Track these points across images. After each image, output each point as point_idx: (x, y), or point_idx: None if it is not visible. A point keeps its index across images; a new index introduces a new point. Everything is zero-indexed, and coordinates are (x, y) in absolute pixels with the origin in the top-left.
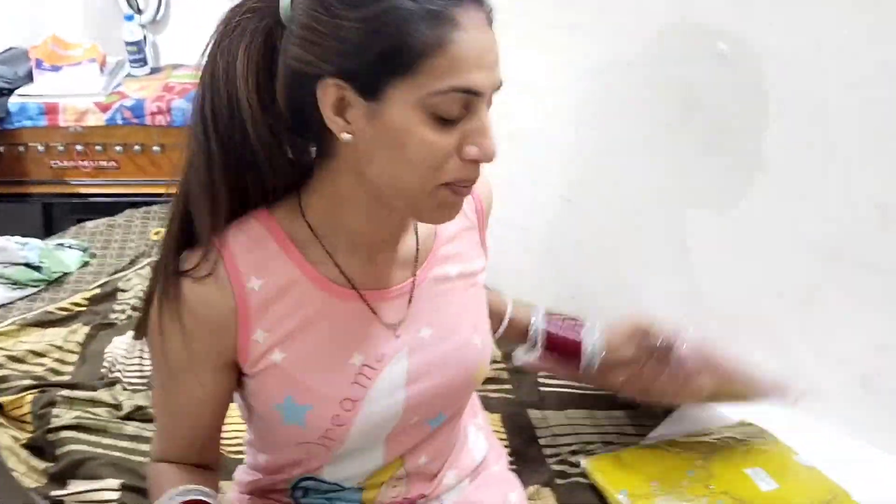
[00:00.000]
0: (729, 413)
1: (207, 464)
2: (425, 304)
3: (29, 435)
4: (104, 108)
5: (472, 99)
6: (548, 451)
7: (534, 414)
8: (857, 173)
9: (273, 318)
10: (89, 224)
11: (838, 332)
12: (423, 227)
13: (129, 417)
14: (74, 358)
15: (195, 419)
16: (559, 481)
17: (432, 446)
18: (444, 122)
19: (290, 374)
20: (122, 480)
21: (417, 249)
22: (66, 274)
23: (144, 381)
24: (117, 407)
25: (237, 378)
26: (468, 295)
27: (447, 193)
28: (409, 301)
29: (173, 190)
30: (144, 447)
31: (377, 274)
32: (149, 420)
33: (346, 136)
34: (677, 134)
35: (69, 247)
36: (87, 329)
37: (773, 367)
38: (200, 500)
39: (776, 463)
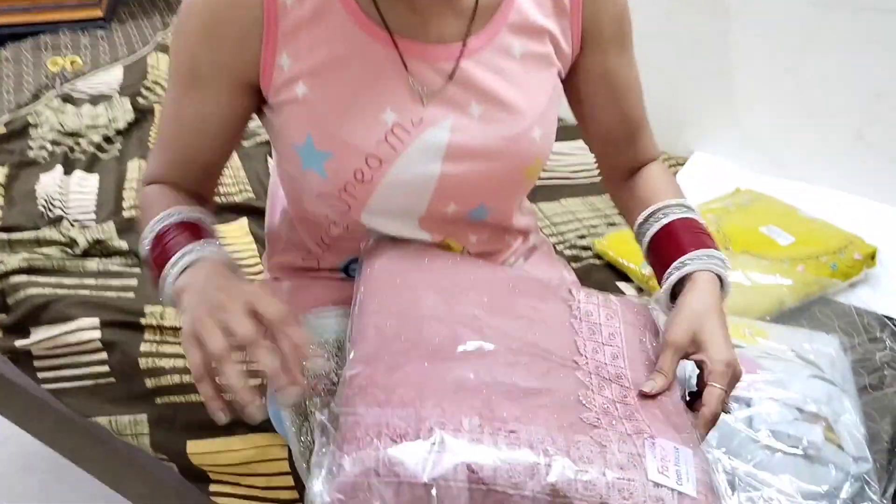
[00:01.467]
0: (723, 183)
1: (203, 196)
2: (479, 77)
3: None
4: None
5: None
6: (554, 240)
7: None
8: None
9: (301, 44)
10: None
11: (833, 85)
12: None
13: (88, 254)
14: (0, 200)
15: (202, 138)
16: (574, 265)
17: (478, 243)
18: None
19: (313, 112)
20: (97, 318)
21: (476, 9)
22: None
23: (93, 215)
24: (71, 244)
25: (256, 108)
26: (536, 79)
27: None
28: (454, 70)
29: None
30: (115, 282)
31: (419, 22)
32: (112, 254)
33: None
34: None
35: None
36: (5, 169)
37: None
38: (196, 223)
39: (787, 220)
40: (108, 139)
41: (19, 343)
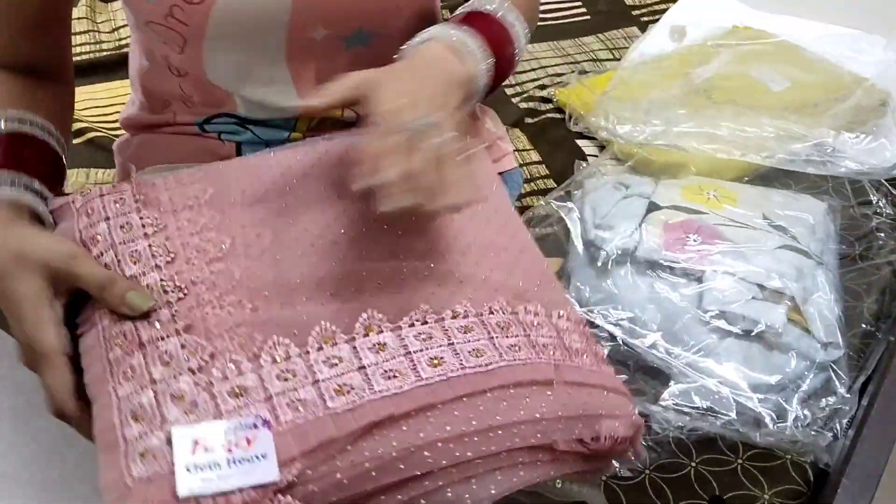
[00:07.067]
0: (716, 21)
1: (51, 70)
2: None
3: None
4: None
5: None
6: (510, 91)
7: None
8: None
9: None
10: None
11: None
12: None
13: None
14: None
15: None
16: (529, 120)
17: None
18: None
19: None
20: None
21: None
22: None
23: None
24: None
25: None
26: None
27: None
28: None
29: None
30: None
31: None
32: None
33: None
34: None
35: None
36: None
37: None
38: (26, 133)
39: (784, 60)
40: None
41: None
